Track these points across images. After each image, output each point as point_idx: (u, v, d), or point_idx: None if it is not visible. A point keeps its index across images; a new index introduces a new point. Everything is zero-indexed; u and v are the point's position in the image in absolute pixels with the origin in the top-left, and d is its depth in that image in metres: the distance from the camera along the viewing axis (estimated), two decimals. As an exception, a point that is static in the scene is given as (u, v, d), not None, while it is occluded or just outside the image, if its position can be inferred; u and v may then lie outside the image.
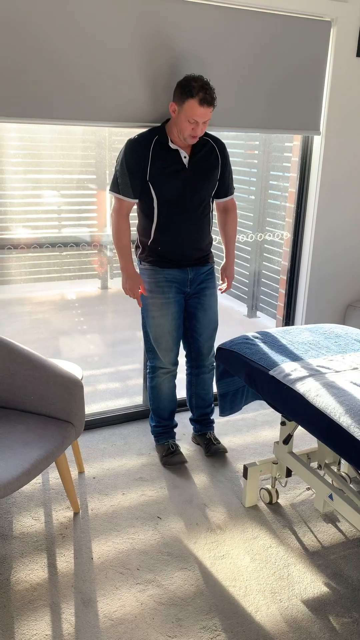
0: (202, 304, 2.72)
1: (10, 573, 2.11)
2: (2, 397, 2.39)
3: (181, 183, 2.49)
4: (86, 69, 2.49)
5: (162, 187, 2.48)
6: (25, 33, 2.35)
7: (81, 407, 2.32)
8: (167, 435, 2.89)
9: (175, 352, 2.74)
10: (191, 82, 2.33)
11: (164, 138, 2.48)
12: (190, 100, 2.33)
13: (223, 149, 2.62)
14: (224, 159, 2.63)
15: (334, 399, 1.90)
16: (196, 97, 2.32)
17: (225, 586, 2.09)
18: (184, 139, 2.43)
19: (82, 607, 1.97)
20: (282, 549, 2.28)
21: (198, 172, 2.52)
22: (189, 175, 2.50)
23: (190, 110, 2.34)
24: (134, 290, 2.62)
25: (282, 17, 2.83)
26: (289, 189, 3.59)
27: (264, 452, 2.96)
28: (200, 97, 2.32)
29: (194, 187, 2.51)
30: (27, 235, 3.48)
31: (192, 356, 2.85)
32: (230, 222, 2.79)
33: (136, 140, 2.48)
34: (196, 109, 2.33)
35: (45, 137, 3.34)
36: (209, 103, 2.34)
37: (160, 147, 2.46)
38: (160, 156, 2.46)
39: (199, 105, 2.33)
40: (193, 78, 2.35)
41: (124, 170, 2.47)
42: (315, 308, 3.51)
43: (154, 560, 2.20)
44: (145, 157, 2.45)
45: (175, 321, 2.67)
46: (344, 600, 2.04)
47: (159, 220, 2.53)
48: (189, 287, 2.67)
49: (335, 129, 3.18)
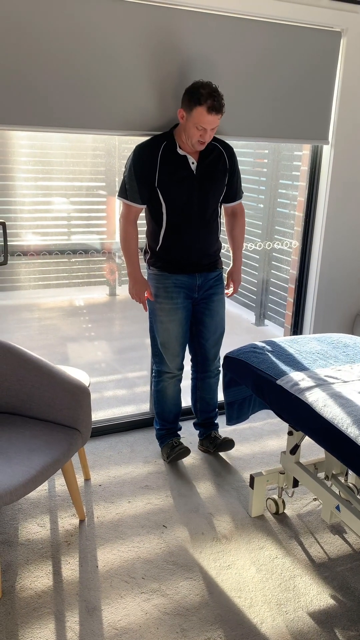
0: (209, 310, 2.72)
1: (15, 580, 2.11)
2: (9, 404, 2.40)
3: (189, 189, 2.49)
4: (96, 78, 2.51)
5: (170, 193, 2.49)
6: (35, 42, 2.37)
7: (88, 414, 2.32)
8: (170, 436, 2.90)
9: (181, 357, 2.75)
10: (200, 88, 2.32)
11: (172, 144, 2.48)
12: (199, 108, 2.32)
13: (231, 154, 2.62)
14: (232, 164, 2.62)
15: (341, 409, 1.89)
16: (204, 105, 2.31)
17: (230, 597, 2.07)
18: (192, 145, 2.43)
19: (87, 616, 1.97)
20: (288, 560, 2.26)
21: (206, 178, 2.52)
22: (197, 181, 2.50)
23: (198, 117, 2.34)
24: (140, 295, 2.63)
25: (292, 27, 2.84)
26: (298, 198, 3.59)
27: (271, 461, 2.94)
28: (208, 104, 2.31)
29: (202, 192, 2.52)
30: (37, 242, 3.49)
31: (197, 361, 2.85)
32: (238, 226, 2.79)
33: (144, 146, 2.48)
34: (204, 116, 2.33)
35: (55, 144, 3.36)
36: (217, 110, 2.34)
37: (168, 153, 2.47)
38: (168, 162, 2.46)
39: (207, 112, 2.32)
40: (202, 85, 2.34)
41: (132, 176, 2.48)
42: (323, 317, 3.49)
43: (159, 569, 2.19)
44: (154, 163, 2.45)
45: (183, 327, 2.67)
46: (351, 613, 2.02)
47: (168, 225, 2.53)
48: (197, 293, 2.67)
49: (345, 139, 3.18)
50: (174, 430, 2.91)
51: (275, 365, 2.24)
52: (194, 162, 2.50)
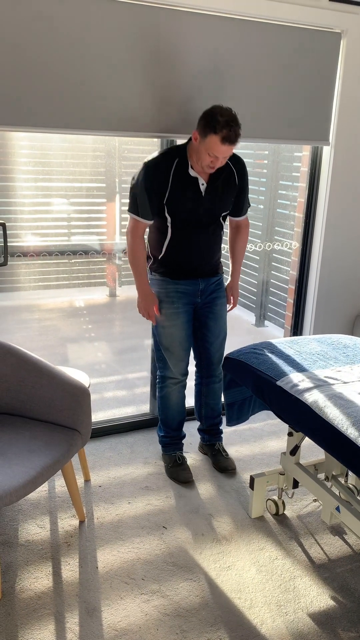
0: (213, 313, 2.72)
1: (15, 581, 2.10)
2: (9, 404, 2.40)
3: (196, 207, 2.47)
4: (95, 79, 2.51)
5: (177, 210, 2.47)
6: (35, 43, 2.37)
7: (88, 414, 2.32)
8: (174, 446, 2.87)
9: (185, 362, 2.74)
10: (217, 115, 2.24)
11: (184, 162, 2.42)
12: (213, 136, 2.25)
13: (242, 171, 2.56)
14: (242, 181, 2.57)
15: (341, 410, 1.89)
16: (219, 134, 2.23)
17: (230, 598, 2.07)
18: (202, 167, 2.39)
19: (87, 617, 1.96)
20: (288, 561, 2.26)
21: (214, 198, 2.50)
22: (205, 201, 2.48)
23: (211, 145, 2.27)
24: (149, 310, 2.61)
25: (292, 28, 2.84)
26: (298, 199, 3.59)
27: (271, 462, 2.94)
28: (223, 134, 2.23)
29: (208, 211, 2.50)
30: (37, 243, 3.50)
31: (202, 365, 2.85)
32: (241, 241, 2.77)
33: (157, 162, 2.42)
34: (217, 145, 2.26)
35: (55, 145, 3.36)
36: (232, 141, 2.26)
37: (180, 171, 2.42)
38: (179, 181, 2.42)
39: (221, 142, 2.25)
40: (220, 111, 2.25)
41: (144, 193, 2.42)
42: (323, 318, 3.50)
43: (159, 570, 2.19)
44: (166, 181, 2.41)
45: (185, 331, 2.67)
46: (351, 614, 2.01)
47: (172, 236, 2.53)
48: (200, 298, 2.67)
49: (345, 140, 3.18)
50: (178, 439, 2.89)
51: (275, 366, 2.24)
52: (204, 183, 2.45)
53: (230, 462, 2.86)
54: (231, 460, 2.87)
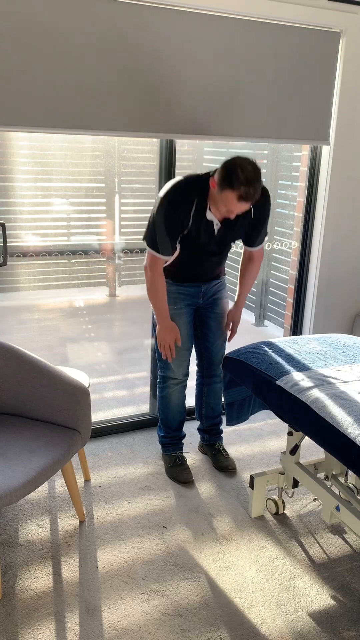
0: (215, 313, 2.73)
1: (15, 581, 2.11)
2: (9, 404, 2.40)
3: (208, 241, 2.47)
4: (95, 79, 2.52)
5: (190, 244, 2.46)
6: (35, 43, 2.37)
7: (88, 414, 2.32)
8: (174, 446, 2.88)
9: (187, 362, 2.75)
10: (237, 170, 2.13)
11: (203, 204, 2.36)
12: (229, 192, 2.16)
13: (262, 204, 2.46)
14: (259, 214, 2.48)
15: (341, 409, 1.89)
16: (236, 191, 2.15)
17: (230, 597, 2.07)
18: (219, 213, 2.36)
19: (87, 617, 1.97)
20: (288, 561, 2.26)
21: (227, 233, 2.49)
22: (218, 237, 2.48)
23: (227, 200, 2.20)
24: (171, 343, 2.58)
25: (291, 28, 2.84)
26: (297, 199, 3.59)
27: (271, 462, 2.94)
28: (240, 192, 2.14)
29: (219, 242, 2.51)
30: (36, 243, 3.50)
31: (203, 365, 2.85)
32: (252, 272, 2.73)
33: (178, 202, 2.34)
34: (234, 202, 2.18)
35: (54, 145, 3.36)
36: (249, 200, 2.18)
37: (198, 213, 2.38)
38: (197, 221, 2.39)
39: (237, 200, 2.17)
40: (241, 166, 2.14)
41: (164, 231, 2.37)
42: (323, 317, 3.50)
43: (159, 570, 2.19)
44: (186, 221, 2.38)
45: (187, 331, 2.68)
46: (351, 613, 2.02)
47: (181, 256, 2.53)
48: (202, 299, 2.68)
49: (344, 139, 3.18)
50: (178, 439, 2.89)
51: (275, 366, 2.24)
52: (218, 224, 2.43)
53: (231, 461, 2.86)
54: (231, 459, 2.88)
